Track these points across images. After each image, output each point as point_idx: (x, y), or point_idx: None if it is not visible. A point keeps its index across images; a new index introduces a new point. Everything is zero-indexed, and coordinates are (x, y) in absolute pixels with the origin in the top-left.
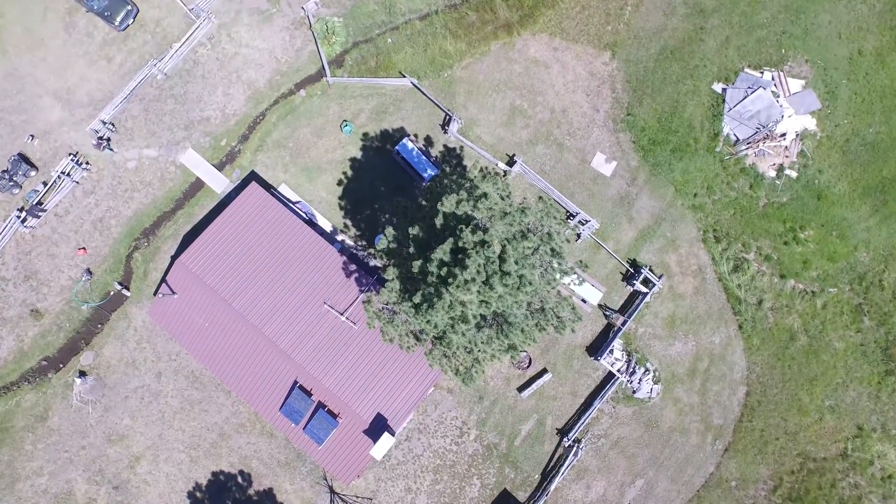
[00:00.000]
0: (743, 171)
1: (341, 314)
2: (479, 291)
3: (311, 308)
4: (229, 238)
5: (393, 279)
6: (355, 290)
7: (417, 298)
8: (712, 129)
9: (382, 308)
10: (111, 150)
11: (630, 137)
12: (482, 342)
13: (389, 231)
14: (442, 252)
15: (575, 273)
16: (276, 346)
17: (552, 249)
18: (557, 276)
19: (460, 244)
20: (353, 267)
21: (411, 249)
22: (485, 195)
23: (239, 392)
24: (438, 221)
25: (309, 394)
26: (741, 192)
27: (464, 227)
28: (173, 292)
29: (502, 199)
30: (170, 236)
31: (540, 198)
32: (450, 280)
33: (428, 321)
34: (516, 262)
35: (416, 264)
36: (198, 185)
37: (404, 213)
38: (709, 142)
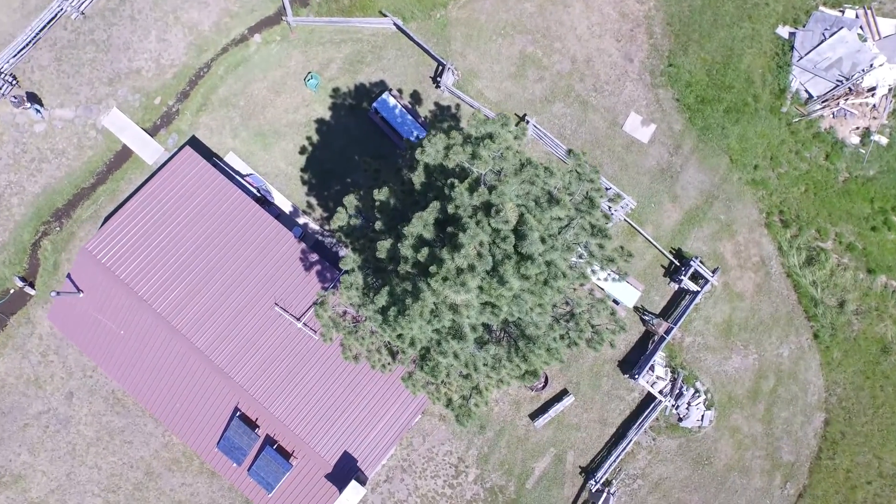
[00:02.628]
0: (817, 136)
1: (297, 319)
2: (481, 288)
3: (259, 312)
4: (152, 219)
5: (354, 270)
6: (317, 289)
7: (382, 299)
8: (777, 84)
9: (344, 312)
10: (39, 108)
11: (672, 94)
12: (485, 365)
13: (350, 200)
14: (421, 223)
15: (618, 263)
16: (211, 362)
17: (592, 226)
18: (598, 265)
19: (451, 210)
20: (314, 258)
21: (378, 225)
22: (490, 136)
23: (165, 420)
24: (418, 179)
25: (254, 425)
26: (815, 164)
27: (457, 182)
28: (78, 290)
29: (517, 140)
30: (88, 219)
31: (570, 151)
32: (433, 269)
33: (400, 335)
34: (543, 241)
35: (384, 246)
36: (124, 154)
37: (375, 178)
38: (773, 100)
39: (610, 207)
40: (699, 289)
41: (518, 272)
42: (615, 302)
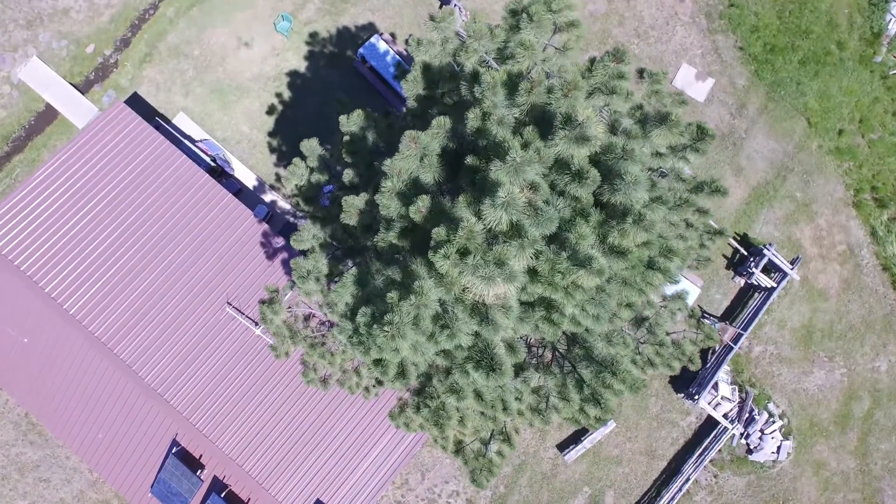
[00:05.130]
0: None
1: (256, 324)
2: (533, 271)
3: (206, 314)
4: (67, 193)
5: (313, 250)
6: (284, 285)
7: (345, 293)
8: (869, 27)
9: (309, 315)
10: None
11: (735, 41)
12: (517, 399)
13: (311, 146)
14: (417, 152)
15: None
16: (141, 380)
17: (697, 183)
18: (695, 241)
19: (473, 124)
20: (281, 243)
21: (348, 175)
22: (527, 15)
23: (85, 455)
24: (412, 90)
25: (197, 465)
26: None
27: (485, 70)
28: None
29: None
30: (0, 195)
31: (643, 71)
32: (438, 234)
33: (378, 361)
34: (652, 186)
35: (352, 204)
36: (48, 115)
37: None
38: (863, 47)
39: None
40: (774, 284)
41: (604, 241)
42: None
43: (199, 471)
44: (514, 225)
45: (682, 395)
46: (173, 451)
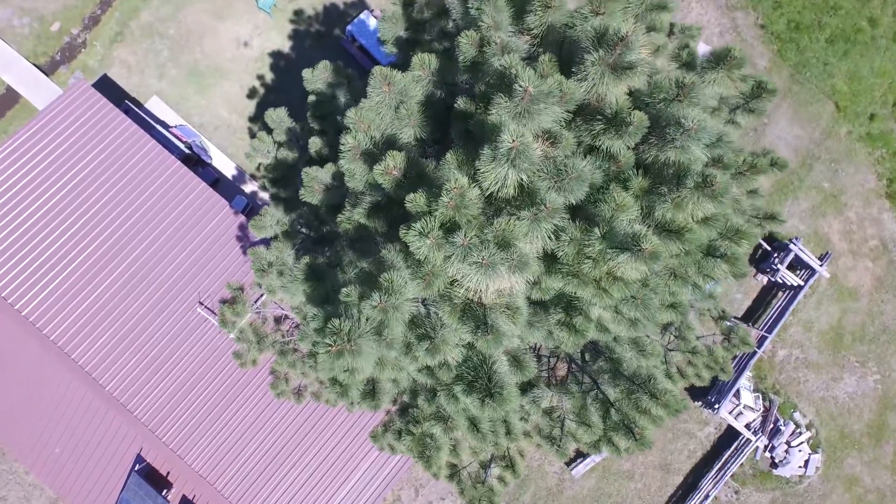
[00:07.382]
0: None
1: None
2: (551, 256)
3: (175, 315)
4: (21, 182)
5: (277, 237)
6: None
7: (297, 293)
8: None
9: (282, 318)
10: None
11: (755, 18)
12: (523, 420)
13: (278, 115)
14: (390, 99)
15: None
16: (102, 389)
17: (749, 154)
18: (749, 220)
19: (467, 53)
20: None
21: (315, 144)
22: None
23: (39, 472)
24: (391, 32)
25: (163, 484)
26: None
27: None
28: None
29: None
30: None
31: (672, 26)
32: (412, 201)
33: (338, 382)
34: (719, 139)
35: (315, 177)
36: (9, 98)
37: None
38: None
39: None
40: (801, 282)
41: (649, 216)
42: None
43: (166, 490)
44: (526, 188)
45: (701, 403)
46: (137, 467)
